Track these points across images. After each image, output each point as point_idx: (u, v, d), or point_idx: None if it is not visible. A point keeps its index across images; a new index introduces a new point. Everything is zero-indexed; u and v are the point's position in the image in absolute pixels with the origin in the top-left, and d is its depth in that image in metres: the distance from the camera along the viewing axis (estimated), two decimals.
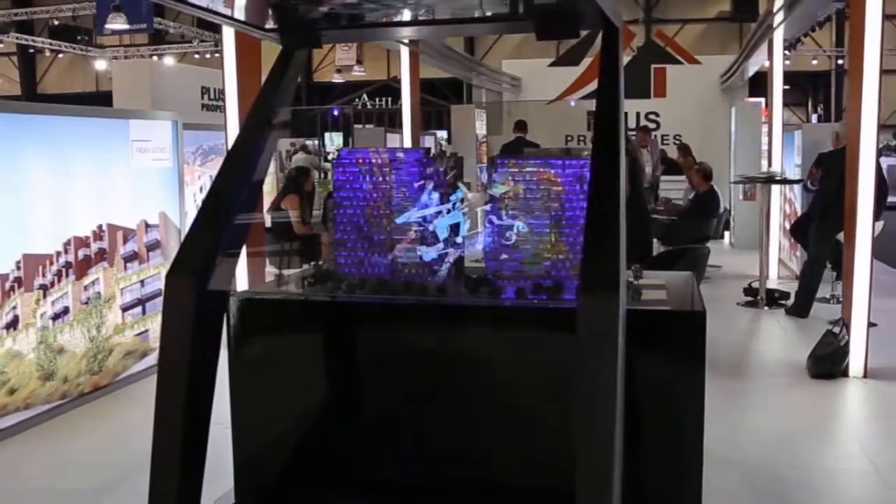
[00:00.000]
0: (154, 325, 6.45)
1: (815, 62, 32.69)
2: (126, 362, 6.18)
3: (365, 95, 26.90)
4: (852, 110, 6.20)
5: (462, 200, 4.13)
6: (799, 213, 10.61)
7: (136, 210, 6.27)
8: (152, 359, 6.42)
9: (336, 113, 20.53)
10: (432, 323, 3.80)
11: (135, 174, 6.24)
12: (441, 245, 4.02)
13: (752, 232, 13.19)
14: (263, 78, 3.94)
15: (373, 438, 3.71)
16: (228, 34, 6.76)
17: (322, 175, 14.02)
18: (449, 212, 4.22)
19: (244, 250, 6.96)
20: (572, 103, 17.29)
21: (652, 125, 17.35)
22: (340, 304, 3.90)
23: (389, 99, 27.29)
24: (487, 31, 18.14)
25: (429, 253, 3.99)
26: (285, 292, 4.17)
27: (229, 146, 6.84)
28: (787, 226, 11.14)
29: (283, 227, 8.05)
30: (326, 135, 24.87)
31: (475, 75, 14.69)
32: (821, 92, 36.04)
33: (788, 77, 16.45)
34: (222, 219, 3.47)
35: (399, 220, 4.04)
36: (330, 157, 23.14)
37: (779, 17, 9.67)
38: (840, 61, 31.75)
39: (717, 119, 16.65)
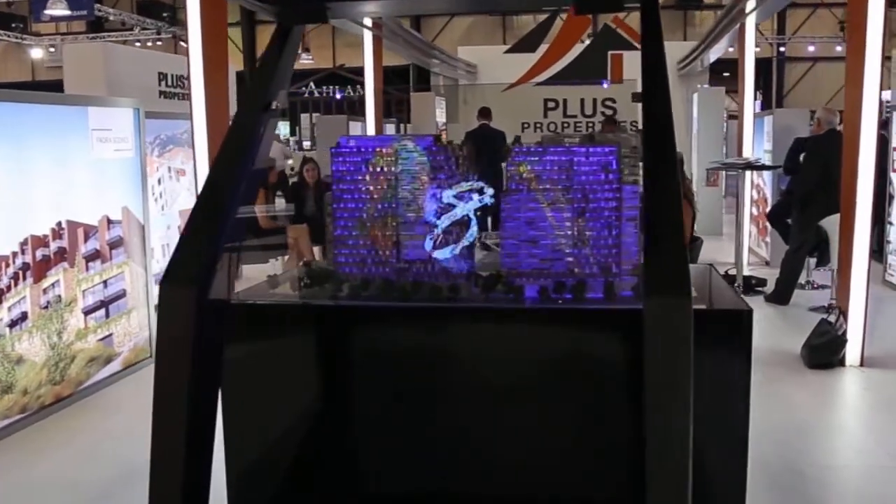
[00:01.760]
0: (118, 328, 5.99)
1: (757, 49, 32.99)
2: (90, 370, 5.71)
3: (312, 84, 26.33)
4: (852, 97, 6.00)
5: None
6: (769, 200, 10.48)
7: (97, 205, 5.79)
8: (117, 365, 5.97)
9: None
10: (455, 328, 3.46)
11: (95, 166, 5.76)
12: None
13: (714, 219, 13.11)
14: (231, 64, 3.53)
15: (382, 453, 3.37)
16: (194, 18, 6.30)
17: (290, 168, 13.50)
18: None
19: None
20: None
21: (609, 111, 17.17)
22: (353, 310, 3.51)
23: (336, 87, 26.77)
24: (523, 5, 17.75)
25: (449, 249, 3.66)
26: (287, 298, 3.78)
27: (196, 136, 6.46)
28: (755, 212, 11.02)
29: (248, 221, 7.60)
30: None
31: (434, 62, 14.33)
32: (762, 79, 36.44)
33: (730, 64, 16.48)
34: (221, 216, 3.09)
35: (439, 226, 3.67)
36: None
37: (752, 3, 9.48)
38: (782, 48, 32.08)
39: (675, 105, 16.50)
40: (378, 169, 3.89)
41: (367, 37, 10.35)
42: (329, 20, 3.55)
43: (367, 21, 9.72)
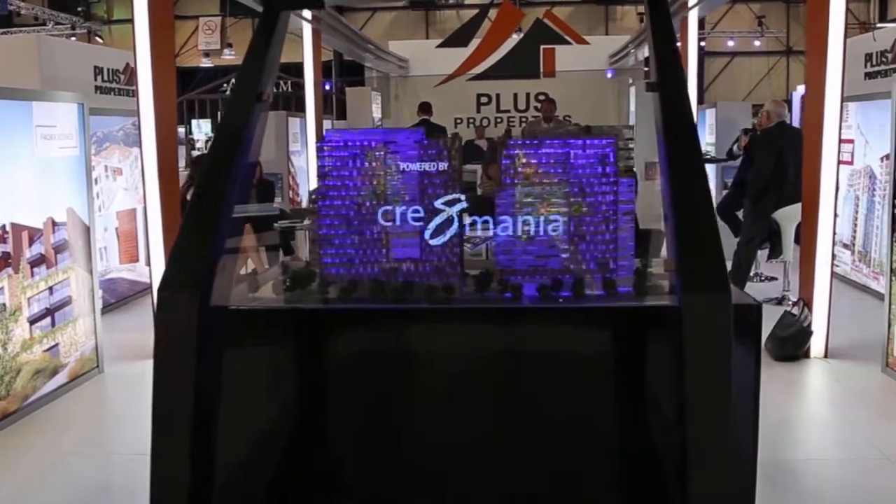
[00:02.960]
0: (64, 337, 5.63)
1: (679, 44, 33.54)
2: (36, 383, 5.34)
3: (234, 80, 25.76)
4: (814, 89, 6.00)
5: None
6: (713, 193, 10.55)
7: (41, 206, 5.42)
8: (63, 377, 5.61)
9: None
10: (458, 329, 3.29)
11: (39, 165, 5.40)
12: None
13: (653, 211, 13.17)
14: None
15: (383, 457, 3.19)
16: (141, 6, 5.96)
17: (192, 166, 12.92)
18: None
19: (161, 249, 6.27)
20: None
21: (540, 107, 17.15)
22: (354, 313, 3.31)
23: None
24: None
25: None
26: (275, 302, 3.54)
27: (143, 134, 6.13)
28: None
29: None
30: (194, 122, 23.68)
31: (368, 56, 14.09)
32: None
33: None
34: (218, 216, 2.85)
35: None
36: (198, 145, 22.07)
37: None
38: (702, 43, 32.62)
39: (607, 99, 16.61)
40: (367, 164, 3.70)
41: (307, 30, 10.06)
42: (325, 5, 3.33)
43: (307, 14, 9.44)
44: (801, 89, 26.27)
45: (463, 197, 3.68)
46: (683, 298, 2.40)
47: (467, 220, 3.71)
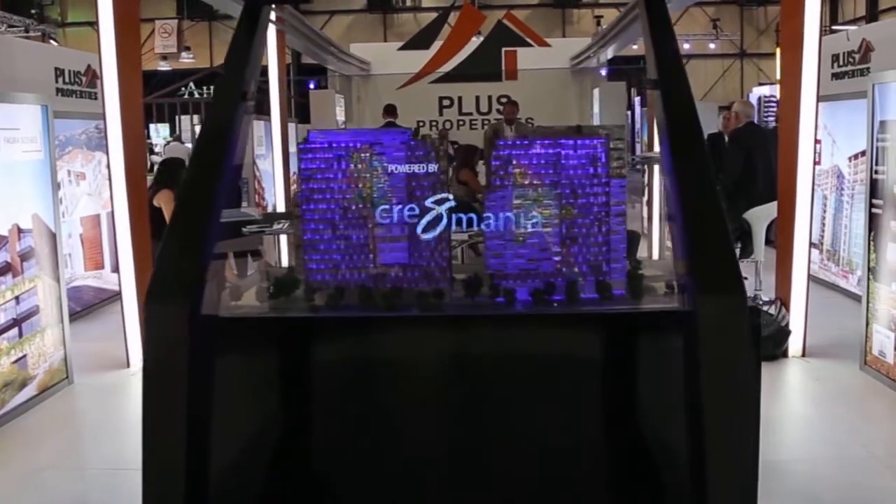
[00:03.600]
0: (32, 348, 5.45)
1: (634, 46, 33.80)
2: (4, 396, 5.15)
3: (192, 84, 25.36)
4: (789, 90, 6.00)
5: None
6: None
7: (6, 213, 5.24)
8: (32, 389, 5.42)
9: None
10: (448, 338, 3.20)
11: (2, 169, 5.21)
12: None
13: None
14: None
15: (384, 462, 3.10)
16: (105, 7, 5.80)
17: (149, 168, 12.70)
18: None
19: (129, 255, 6.10)
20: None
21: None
22: (350, 323, 3.21)
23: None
24: None
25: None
26: (261, 310, 3.42)
27: (109, 137, 5.95)
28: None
29: (158, 226, 7.09)
30: (152, 126, 23.29)
31: (330, 58, 13.94)
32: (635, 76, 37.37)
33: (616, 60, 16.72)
34: (206, 222, 2.74)
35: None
36: (156, 149, 21.73)
37: None
38: None
39: (569, 101, 16.61)
40: (353, 166, 3.61)
41: (272, 31, 9.89)
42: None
43: (272, 15, 9.27)
44: (756, 91, 26.62)
45: (451, 196, 3.61)
46: (698, 301, 2.34)
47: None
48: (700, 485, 2.32)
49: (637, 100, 22.52)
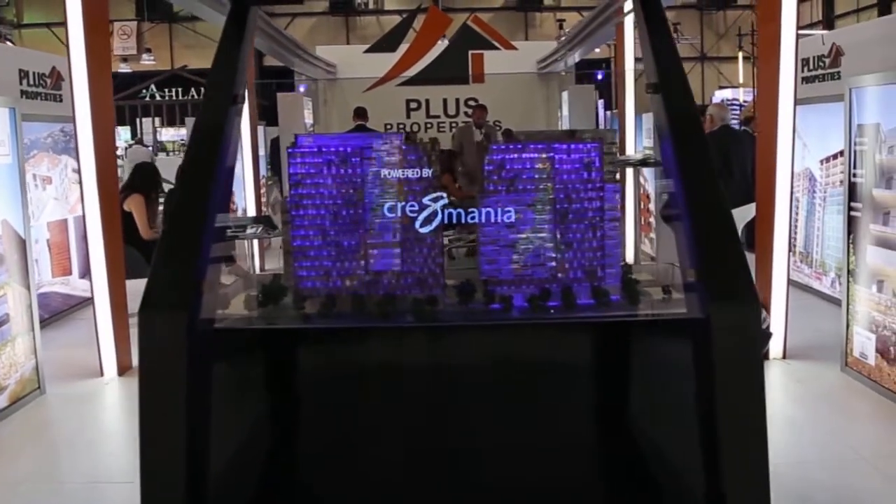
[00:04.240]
0: (3, 358, 5.28)
1: (597, 50, 33.97)
2: None
3: (153, 86, 25.07)
4: (767, 93, 6.01)
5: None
6: (652, 197, 10.61)
7: None
8: (3, 400, 5.26)
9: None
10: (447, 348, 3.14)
11: None
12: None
13: None
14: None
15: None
16: (74, 5, 5.65)
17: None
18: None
19: (101, 260, 5.95)
20: None
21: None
22: (352, 333, 3.13)
23: (180, 90, 25.57)
24: None
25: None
26: (252, 319, 3.33)
27: (79, 141, 5.80)
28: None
29: (128, 232, 6.95)
30: None
31: (296, 60, 13.80)
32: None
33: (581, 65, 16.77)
34: (202, 228, 2.65)
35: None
36: (118, 152, 21.43)
37: (630, 3, 9.50)
38: None
39: (536, 104, 16.62)
40: (343, 171, 3.54)
41: None
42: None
43: None
44: (718, 94, 26.83)
45: (445, 195, 3.57)
46: (712, 308, 2.30)
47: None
48: (717, 494, 2.28)
49: (601, 102, 22.63)
